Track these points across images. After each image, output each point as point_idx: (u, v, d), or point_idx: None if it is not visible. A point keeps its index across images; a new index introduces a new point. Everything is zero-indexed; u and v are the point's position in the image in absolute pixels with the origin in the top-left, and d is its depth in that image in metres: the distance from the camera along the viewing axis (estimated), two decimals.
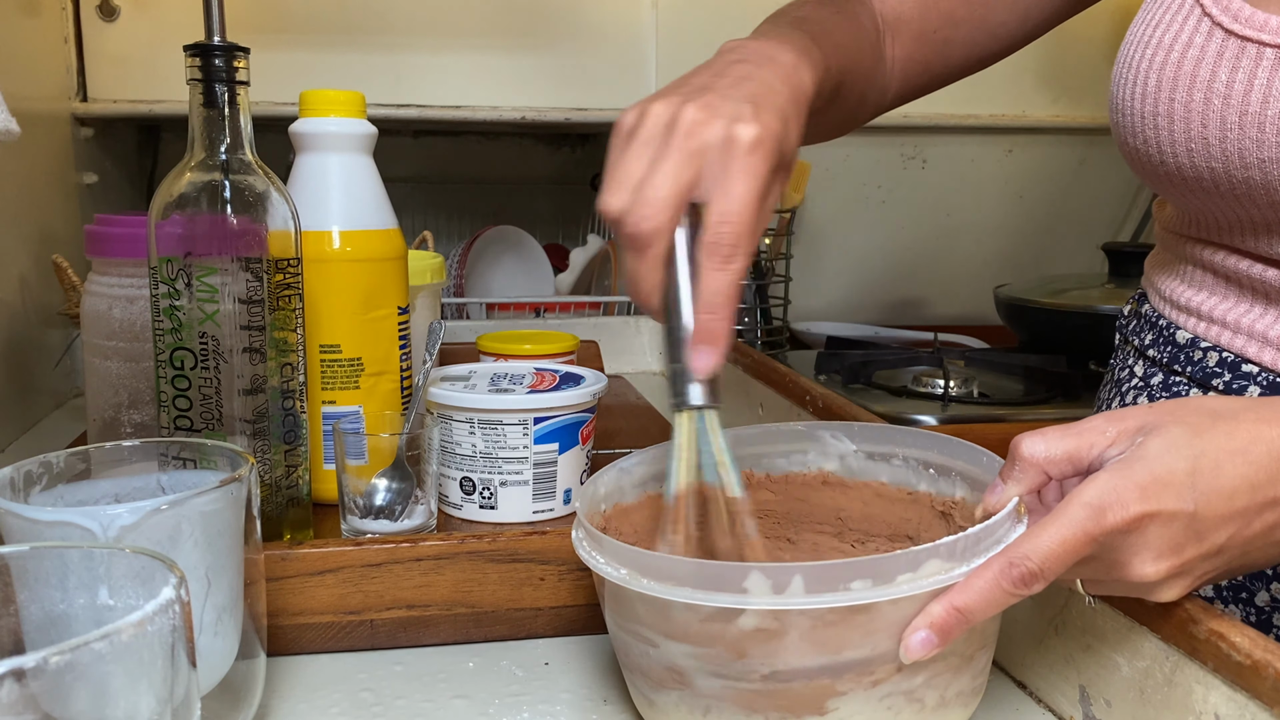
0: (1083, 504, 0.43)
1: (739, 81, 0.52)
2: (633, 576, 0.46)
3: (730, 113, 0.49)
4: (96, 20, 1.30)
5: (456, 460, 0.74)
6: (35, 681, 0.27)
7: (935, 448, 0.58)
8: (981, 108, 1.60)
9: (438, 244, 1.51)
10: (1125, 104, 0.63)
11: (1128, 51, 0.64)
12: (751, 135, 0.49)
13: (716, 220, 0.48)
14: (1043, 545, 0.43)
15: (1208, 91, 0.58)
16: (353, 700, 0.55)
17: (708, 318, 0.48)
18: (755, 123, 0.49)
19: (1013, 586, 0.44)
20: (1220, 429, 0.45)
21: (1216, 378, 0.63)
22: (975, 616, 0.44)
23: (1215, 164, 0.58)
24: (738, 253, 0.48)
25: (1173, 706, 0.46)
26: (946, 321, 1.68)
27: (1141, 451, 0.44)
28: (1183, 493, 0.44)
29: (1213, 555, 0.45)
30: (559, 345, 0.96)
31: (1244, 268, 0.62)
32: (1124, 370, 0.73)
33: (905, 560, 0.44)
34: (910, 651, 0.44)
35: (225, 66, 0.61)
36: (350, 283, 0.74)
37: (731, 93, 0.51)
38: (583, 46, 1.42)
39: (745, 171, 0.48)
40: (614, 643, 0.52)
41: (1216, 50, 0.58)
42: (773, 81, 0.52)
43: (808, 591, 0.43)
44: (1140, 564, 0.44)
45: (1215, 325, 0.64)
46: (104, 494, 0.49)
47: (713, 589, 0.44)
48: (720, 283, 0.48)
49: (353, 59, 1.37)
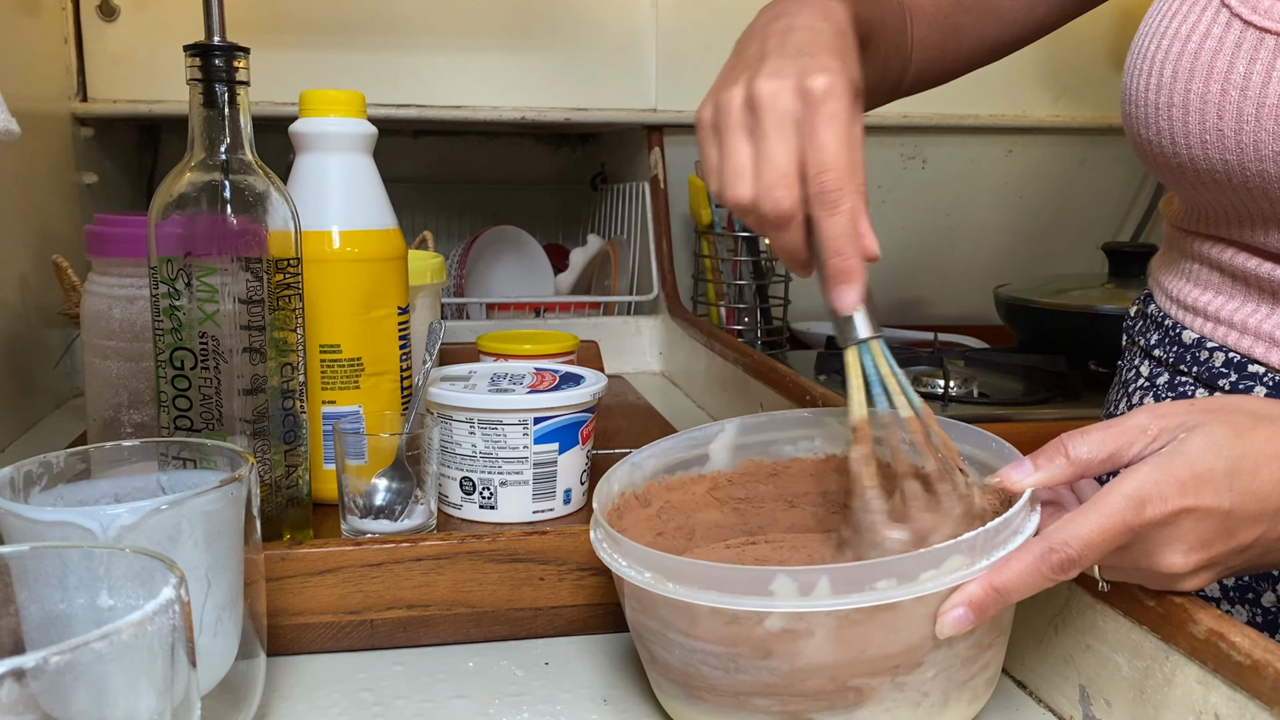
0: (1123, 495, 0.44)
1: (785, 36, 0.54)
2: (658, 580, 0.47)
3: (795, 70, 0.52)
4: (96, 20, 1.30)
5: (456, 460, 0.74)
6: (35, 681, 0.27)
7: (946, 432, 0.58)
8: (981, 108, 1.60)
9: (438, 244, 1.51)
10: (1139, 94, 0.63)
11: (1142, 42, 0.63)
12: (822, 85, 0.51)
13: (815, 173, 0.51)
14: (1083, 533, 0.44)
15: (1225, 83, 0.57)
16: (353, 700, 0.55)
17: (836, 260, 0.51)
18: (820, 71, 0.51)
19: (1051, 571, 0.45)
20: (1261, 432, 0.46)
21: (1223, 378, 0.63)
22: (1012, 597, 0.45)
23: (1229, 156, 0.58)
24: (843, 195, 0.50)
25: (1173, 706, 0.46)
26: (946, 321, 1.68)
27: (1184, 447, 0.45)
28: (1220, 491, 0.45)
29: (1240, 552, 0.46)
30: (559, 345, 0.96)
31: (1252, 265, 0.62)
32: (1130, 371, 0.73)
33: (928, 558, 0.45)
34: (946, 627, 0.45)
35: (225, 66, 0.61)
36: (350, 283, 0.74)
37: (786, 50, 0.53)
38: (583, 46, 1.42)
39: (828, 119, 0.51)
40: (635, 640, 0.53)
41: (1235, 41, 0.58)
42: (813, 22, 0.55)
43: (834, 593, 0.44)
44: (1170, 555, 0.45)
45: (1222, 325, 0.64)
46: (104, 494, 0.49)
47: (739, 592, 0.44)
48: (838, 226, 0.51)
49: (353, 59, 1.37)
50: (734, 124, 0.53)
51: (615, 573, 0.49)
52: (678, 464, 0.62)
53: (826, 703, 0.46)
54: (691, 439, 0.63)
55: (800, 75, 0.51)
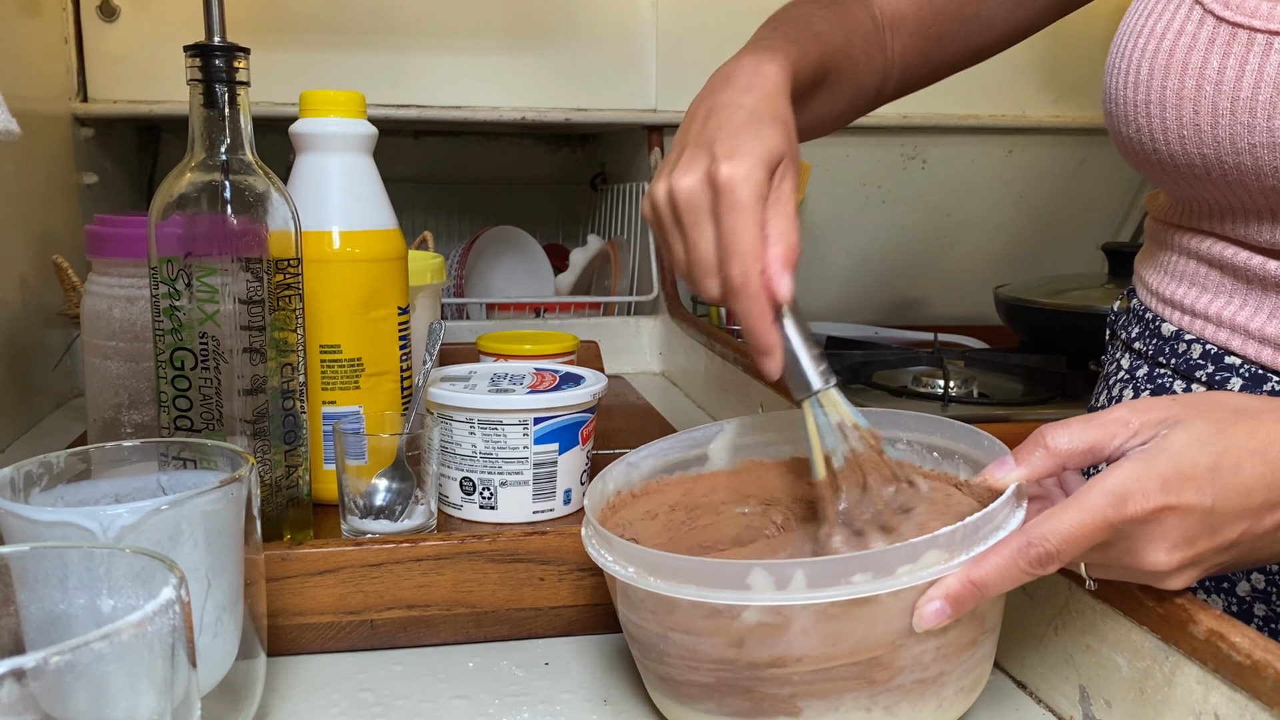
0: (1105, 491, 0.44)
1: (706, 120, 0.56)
2: (640, 575, 0.47)
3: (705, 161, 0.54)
4: (96, 20, 1.30)
5: (456, 460, 0.74)
6: (35, 681, 0.27)
7: (939, 431, 0.59)
8: (981, 108, 1.60)
9: (438, 244, 1.51)
10: (1118, 93, 0.64)
11: (1120, 42, 0.65)
12: (726, 174, 0.53)
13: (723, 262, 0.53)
14: (1062, 528, 0.44)
15: (1199, 78, 0.58)
16: (353, 700, 0.55)
17: (749, 338, 0.54)
18: (726, 159, 0.53)
19: (1029, 566, 0.45)
20: (1243, 427, 0.46)
21: (1200, 369, 0.64)
22: (989, 591, 0.45)
23: (1207, 150, 0.59)
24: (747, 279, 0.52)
25: (1173, 706, 0.46)
26: (946, 321, 1.68)
27: (1165, 444, 0.45)
28: (1203, 487, 0.45)
29: (1225, 549, 0.46)
30: (559, 345, 0.96)
31: (1229, 255, 0.62)
32: (1112, 364, 0.73)
33: (905, 552, 0.45)
34: (923, 620, 0.45)
35: (225, 67, 0.61)
36: (350, 283, 0.74)
37: (703, 137, 0.55)
38: (583, 46, 1.42)
39: (729, 209, 0.53)
40: (627, 638, 0.53)
41: (1208, 37, 0.59)
42: (736, 97, 0.57)
43: (810, 586, 0.44)
44: (1154, 553, 0.45)
45: (1199, 319, 0.65)
46: (104, 494, 0.49)
47: (717, 586, 0.45)
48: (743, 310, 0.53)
49: (353, 59, 1.37)
50: (667, 224, 0.56)
51: (603, 569, 0.50)
52: (675, 464, 0.62)
53: (807, 696, 0.46)
54: (690, 439, 0.63)
55: (710, 164, 0.54)
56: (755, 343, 0.54)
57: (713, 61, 0.61)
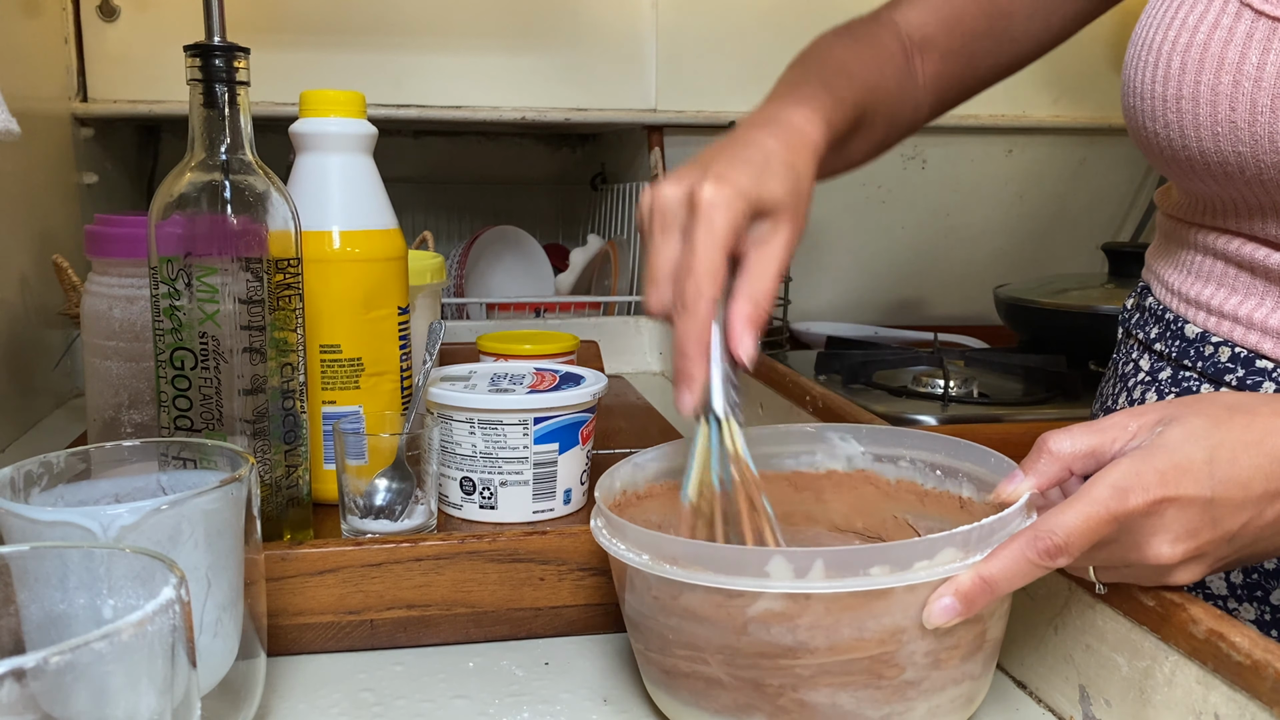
0: (1107, 485, 0.45)
1: (721, 150, 0.56)
2: (654, 562, 0.47)
3: (692, 179, 0.53)
4: (96, 20, 1.30)
5: (456, 460, 0.74)
6: (35, 681, 0.27)
7: (942, 449, 0.58)
8: (981, 108, 1.59)
9: (438, 244, 1.51)
10: (1144, 87, 0.62)
11: (1145, 33, 0.62)
12: (708, 194, 0.52)
13: (679, 277, 0.52)
14: (1068, 521, 0.45)
15: (1237, 74, 0.57)
16: (353, 700, 0.55)
17: (678, 360, 0.52)
18: (712, 181, 0.52)
19: (1038, 558, 0.45)
20: (1238, 421, 0.47)
21: (1229, 373, 0.63)
22: (1000, 588, 0.46)
23: (1243, 148, 0.58)
24: (699, 300, 0.51)
25: (1173, 706, 0.46)
26: (946, 321, 1.68)
27: (1162, 440, 0.47)
28: (1200, 479, 0.45)
29: (1228, 540, 0.47)
30: (559, 345, 0.96)
31: (1261, 256, 0.61)
32: (1129, 365, 0.72)
33: (923, 547, 0.45)
34: (934, 617, 0.45)
35: (225, 66, 0.61)
36: (350, 283, 0.74)
37: (710, 161, 0.54)
38: (583, 46, 1.42)
39: (699, 226, 0.52)
40: (630, 631, 0.53)
41: (1246, 31, 0.57)
42: (760, 138, 0.57)
43: (828, 576, 0.44)
44: (1158, 545, 0.46)
45: (1227, 320, 0.63)
46: (104, 494, 0.49)
47: (735, 573, 0.45)
48: (684, 328, 0.52)
49: (353, 59, 1.37)
50: (644, 229, 0.56)
51: (613, 557, 0.50)
52: (680, 470, 0.62)
53: (813, 687, 0.46)
54: None
55: (697, 182, 0.53)
56: (681, 368, 0.52)
57: (713, 62, 0.61)
